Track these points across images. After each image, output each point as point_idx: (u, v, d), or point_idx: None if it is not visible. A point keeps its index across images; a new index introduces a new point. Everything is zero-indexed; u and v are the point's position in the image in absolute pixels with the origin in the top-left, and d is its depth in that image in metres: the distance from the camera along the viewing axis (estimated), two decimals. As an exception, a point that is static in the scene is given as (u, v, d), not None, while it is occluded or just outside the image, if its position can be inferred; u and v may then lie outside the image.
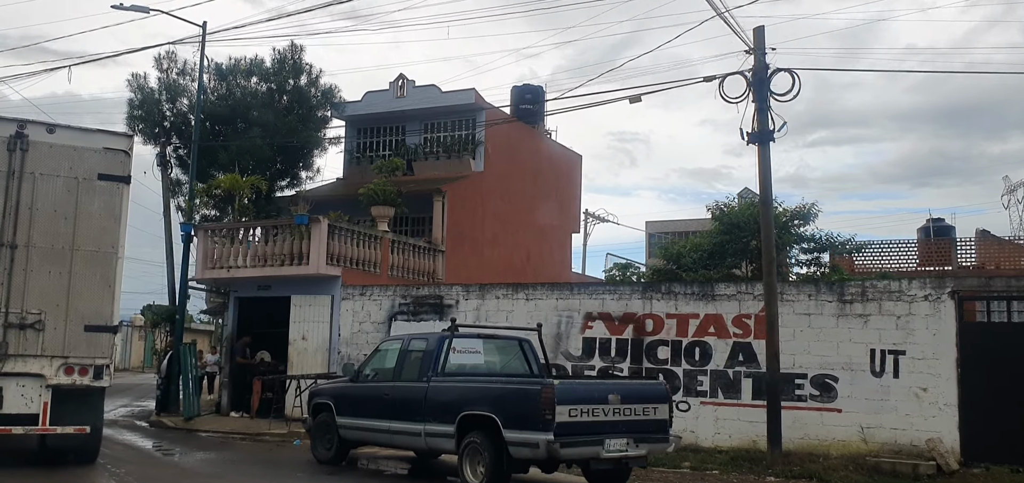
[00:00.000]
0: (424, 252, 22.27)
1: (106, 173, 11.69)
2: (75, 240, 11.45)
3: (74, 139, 11.71)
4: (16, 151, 11.29)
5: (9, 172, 11.23)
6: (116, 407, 24.12)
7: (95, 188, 11.62)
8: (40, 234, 11.30)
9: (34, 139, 11.42)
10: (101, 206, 11.64)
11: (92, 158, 11.65)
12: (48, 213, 11.38)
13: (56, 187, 11.45)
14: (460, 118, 26.08)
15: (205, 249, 20.04)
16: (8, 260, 11.12)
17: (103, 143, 11.84)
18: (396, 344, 12.62)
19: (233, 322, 20.57)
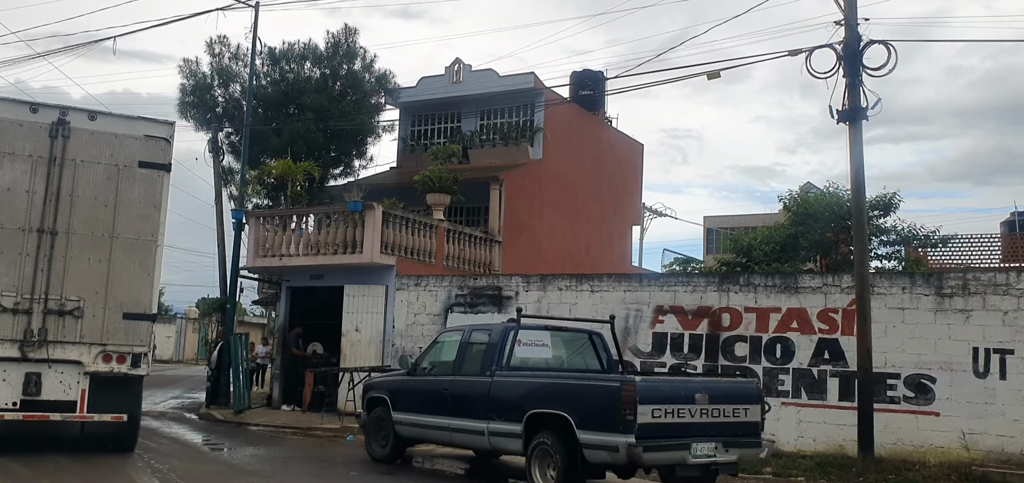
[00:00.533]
0: (480, 242, 21.41)
1: (146, 161, 11.68)
2: (115, 227, 11.45)
3: (115, 126, 11.72)
4: (58, 138, 11.29)
5: (50, 159, 11.24)
6: (167, 398, 23.78)
7: (135, 176, 11.60)
8: (80, 221, 11.30)
9: (75, 126, 11.42)
10: (141, 194, 11.63)
11: (133, 145, 11.64)
12: (88, 200, 11.38)
13: (96, 174, 11.43)
14: (518, 104, 25.14)
15: (256, 237, 19.44)
16: (48, 247, 11.13)
17: (144, 130, 11.81)
18: (456, 336, 11.75)
19: (285, 312, 19.95)
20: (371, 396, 12.73)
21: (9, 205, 11.14)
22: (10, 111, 11.37)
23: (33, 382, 11.00)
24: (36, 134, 11.31)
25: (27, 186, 11.21)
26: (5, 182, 11.18)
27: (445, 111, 26.23)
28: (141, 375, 11.69)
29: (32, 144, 11.28)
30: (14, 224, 11.14)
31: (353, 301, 18.54)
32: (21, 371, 11.00)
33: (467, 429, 10.71)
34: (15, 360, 10.97)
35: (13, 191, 11.17)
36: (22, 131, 11.27)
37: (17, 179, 11.19)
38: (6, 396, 10.91)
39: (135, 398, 11.79)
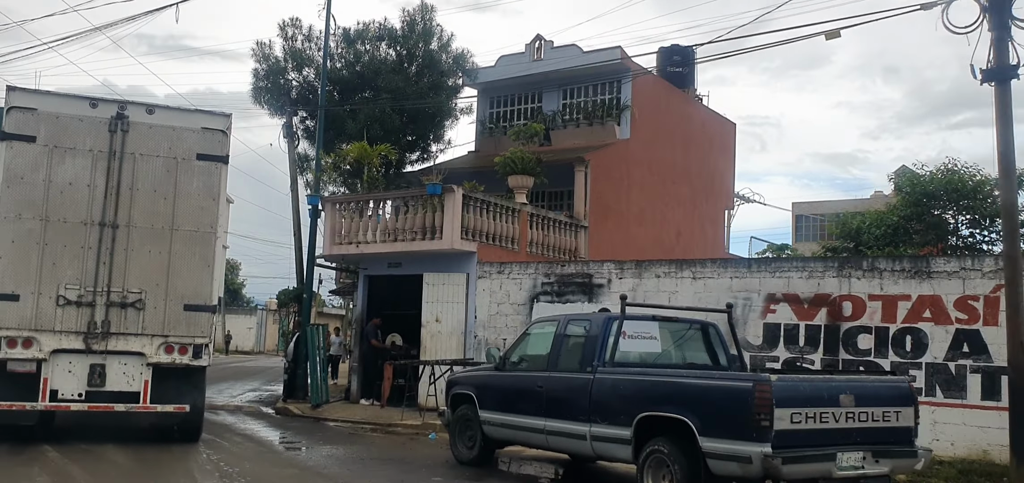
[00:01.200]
0: (565, 227, 20.18)
1: (204, 153, 11.79)
2: (174, 220, 11.59)
3: (173, 119, 11.87)
4: (117, 132, 11.48)
5: (110, 152, 11.44)
6: (244, 391, 23.30)
7: (194, 168, 11.73)
8: (140, 214, 11.47)
9: (134, 120, 11.59)
10: (199, 186, 11.76)
11: (191, 138, 11.78)
12: (148, 193, 11.54)
13: (155, 167, 11.60)
14: (603, 81, 23.77)
15: (333, 224, 18.62)
16: (110, 240, 11.32)
17: (201, 123, 11.93)
18: (549, 327, 10.56)
19: (362, 302, 19.10)
20: (456, 393, 11.65)
21: (71, 199, 11.27)
22: (71, 107, 11.53)
23: (97, 373, 11.15)
24: (96, 129, 11.48)
25: (88, 180, 11.37)
26: (67, 177, 11.32)
27: (525, 90, 25.04)
28: (203, 366, 11.70)
29: (92, 139, 11.44)
30: (76, 218, 11.29)
31: (433, 290, 17.55)
32: (86, 363, 11.14)
33: (565, 432, 9.51)
34: (80, 352, 11.11)
35: (75, 185, 11.31)
36: (83, 126, 11.44)
37: (79, 174, 11.35)
38: (72, 387, 11.06)
39: (197, 388, 11.79)
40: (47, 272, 11.11)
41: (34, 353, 10.90)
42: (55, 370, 11.00)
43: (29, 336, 10.91)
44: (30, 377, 10.87)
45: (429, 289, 17.57)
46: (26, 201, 11.17)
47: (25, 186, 11.18)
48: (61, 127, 11.37)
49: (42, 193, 11.21)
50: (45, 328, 11.01)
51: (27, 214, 11.17)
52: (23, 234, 11.11)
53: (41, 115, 11.32)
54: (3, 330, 10.85)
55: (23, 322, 10.93)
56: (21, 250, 11.07)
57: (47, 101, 11.56)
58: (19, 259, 11.05)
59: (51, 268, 11.13)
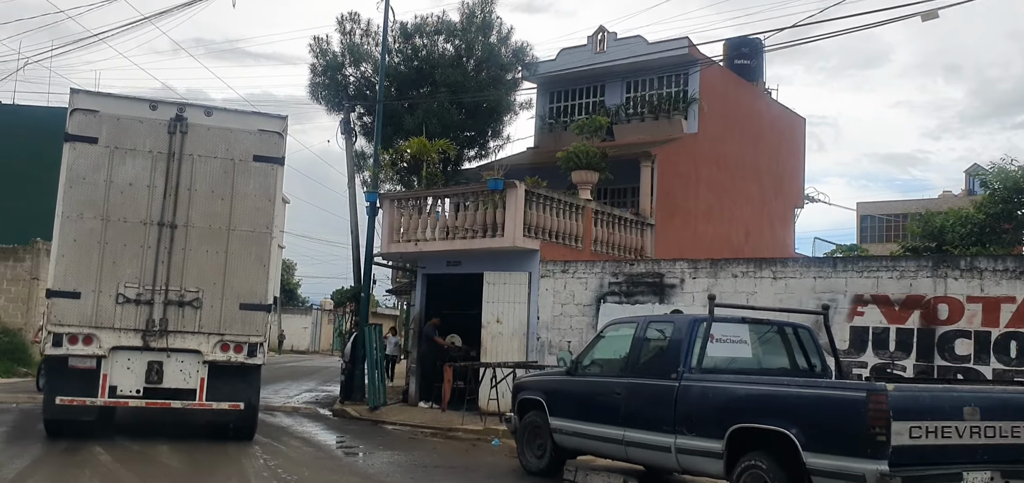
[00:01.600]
0: (631, 225, 19.41)
1: (261, 154, 11.93)
2: (231, 220, 11.73)
3: (230, 121, 12.03)
4: (176, 134, 11.65)
5: (169, 154, 11.61)
6: (301, 391, 23.00)
7: (250, 169, 11.86)
8: (198, 214, 11.64)
9: (192, 122, 11.76)
10: (256, 187, 11.89)
11: (247, 140, 11.91)
12: (205, 194, 11.69)
13: (213, 168, 11.75)
14: (669, 73, 22.96)
15: (390, 221, 18.14)
16: (168, 240, 11.50)
17: (258, 125, 12.09)
18: (627, 329, 9.84)
19: (421, 302, 18.58)
20: (524, 398, 11.00)
21: (131, 200, 11.47)
22: (131, 109, 11.74)
23: (155, 370, 11.31)
24: (155, 131, 11.66)
25: (148, 181, 11.54)
26: (127, 177, 11.50)
27: (587, 84, 24.33)
28: (258, 364, 11.82)
29: (152, 140, 11.63)
30: (136, 218, 11.48)
31: (493, 289, 16.94)
32: (144, 360, 11.31)
33: (647, 444, 8.79)
34: (138, 349, 11.29)
35: (135, 186, 11.51)
36: (143, 128, 11.63)
37: (139, 175, 11.53)
38: (130, 384, 11.24)
39: (252, 387, 11.90)
40: (107, 271, 11.28)
41: (94, 350, 11.07)
42: (114, 367, 11.17)
43: (90, 333, 11.08)
44: (90, 373, 11.02)
45: (490, 288, 16.97)
46: (88, 201, 11.35)
47: (87, 186, 11.36)
48: (122, 129, 11.56)
49: (103, 193, 11.40)
50: (105, 325, 11.17)
51: (88, 214, 11.34)
52: (84, 233, 11.28)
53: (103, 117, 11.52)
54: (65, 327, 11.02)
55: (84, 319, 11.09)
56: (82, 249, 11.26)
57: (108, 103, 11.75)
58: (80, 258, 11.23)
59: (111, 267, 11.30)
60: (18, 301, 24.26)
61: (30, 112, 34.16)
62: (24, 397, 16.97)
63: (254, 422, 12.30)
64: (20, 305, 24.26)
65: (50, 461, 10.30)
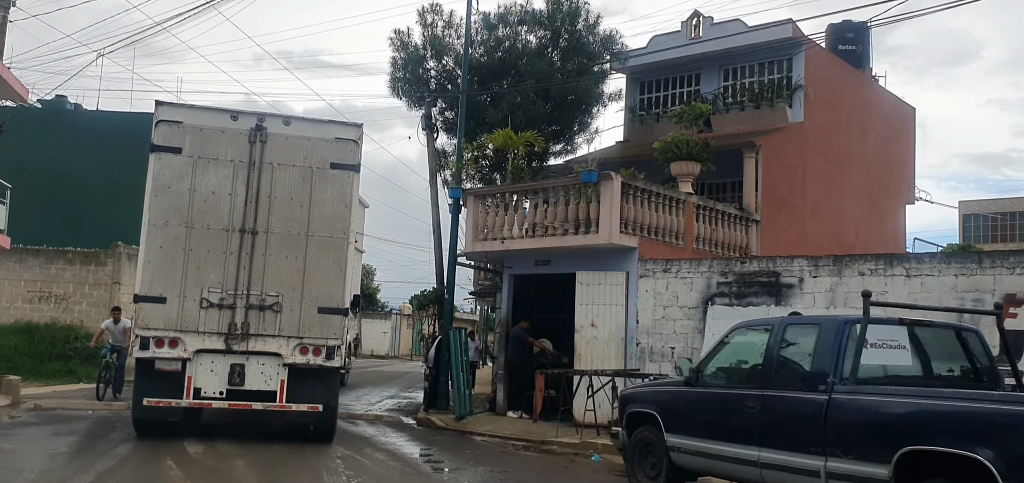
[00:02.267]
0: (735, 221, 18.01)
1: (337, 162, 12.19)
2: (309, 226, 12.01)
3: (308, 130, 12.35)
4: (256, 143, 12.03)
5: (250, 162, 11.97)
6: (383, 398, 22.28)
7: (327, 176, 12.14)
8: (277, 221, 11.96)
9: (272, 131, 12.14)
10: (333, 193, 12.14)
11: (324, 148, 12.20)
12: (285, 201, 12.02)
13: (292, 176, 12.07)
14: (771, 59, 21.46)
15: (475, 218, 17.19)
16: (249, 246, 11.84)
17: (334, 133, 12.35)
18: (759, 333, 8.58)
19: (507, 304, 17.55)
20: (634, 411, 9.82)
21: (214, 207, 11.86)
22: (214, 120, 12.15)
23: (237, 373, 11.63)
24: (237, 140, 12.03)
25: (230, 189, 11.91)
26: (210, 186, 11.88)
27: (680, 73, 22.98)
28: (335, 367, 12.09)
29: (233, 150, 12.00)
30: (219, 225, 11.84)
31: (587, 290, 15.80)
32: (226, 362, 11.64)
33: (789, 466, 7.52)
34: (221, 352, 11.64)
35: (218, 194, 11.88)
36: (224, 138, 12.00)
37: (221, 183, 11.90)
38: (214, 385, 11.58)
39: (330, 389, 12.17)
40: (191, 276, 11.68)
41: (179, 353, 11.48)
42: (198, 369, 11.53)
43: (175, 336, 11.51)
44: (176, 375, 11.45)
45: (583, 290, 15.83)
46: (172, 209, 11.76)
47: (172, 195, 11.78)
48: (205, 139, 11.95)
49: (187, 201, 11.79)
50: (189, 329, 11.57)
51: (173, 221, 11.76)
52: (170, 240, 11.71)
53: (186, 128, 11.93)
54: (152, 330, 11.48)
55: (169, 323, 11.52)
56: (168, 255, 11.68)
57: (192, 114, 12.19)
58: (166, 264, 11.66)
59: (195, 272, 11.70)
60: (100, 305, 24.16)
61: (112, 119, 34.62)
62: (80, 403, 16.35)
63: (333, 424, 12.51)
64: (102, 310, 24.14)
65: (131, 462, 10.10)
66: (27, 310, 24.08)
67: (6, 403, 15.18)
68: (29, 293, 24.28)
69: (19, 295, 24.26)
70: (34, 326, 23.44)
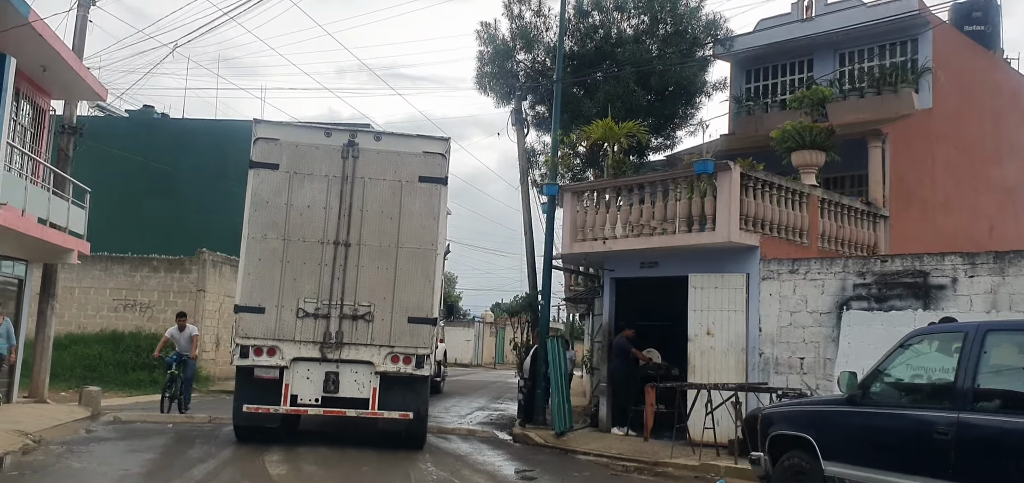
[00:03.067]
0: (861, 217, 16.33)
1: (425, 175, 12.55)
2: (399, 238, 12.38)
3: (397, 145, 12.74)
4: (348, 158, 12.45)
5: (343, 177, 12.42)
6: (473, 409, 21.23)
7: (416, 189, 12.51)
8: (369, 233, 12.35)
9: (363, 146, 12.56)
10: (421, 206, 12.49)
11: (413, 161, 12.57)
12: (376, 213, 12.41)
13: (382, 189, 12.47)
14: (893, 40, 19.65)
15: (572, 217, 15.95)
16: (343, 257, 12.25)
17: (422, 147, 12.71)
18: (946, 341, 7.13)
19: (609, 311, 16.24)
20: (780, 434, 8.44)
21: (310, 220, 12.31)
22: (309, 136, 12.63)
23: (331, 380, 12.02)
24: (330, 156, 12.45)
25: (324, 203, 12.35)
26: (306, 200, 12.34)
27: (791, 58, 21.32)
28: (425, 375, 12.37)
29: (327, 165, 12.42)
30: (314, 237, 12.29)
31: (701, 295, 14.39)
32: (321, 370, 12.05)
33: (1005, 510, 6.06)
34: (316, 360, 12.06)
35: (313, 208, 12.34)
36: (318, 154, 12.46)
37: (316, 197, 12.35)
38: (310, 393, 11.99)
39: (421, 397, 12.43)
40: (288, 287, 12.14)
41: (277, 361, 11.93)
42: (295, 377, 11.95)
43: (273, 345, 11.94)
44: (274, 383, 11.88)
45: (697, 294, 14.42)
46: (270, 223, 12.25)
47: (269, 209, 12.27)
48: (300, 155, 12.41)
49: (284, 215, 12.27)
50: (286, 338, 12.00)
51: (271, 235, 12.25)
52: (268, 253, 12.20)
53: (282, 144, 12.42)
54: (251, 339, 11.92)
55: (268, 332, 11.98)
56: (266, 267, 12.17)
57: (288, 131, 12.70)
58: (264, 275, 12.15)
59: (292, 283, 12.15)
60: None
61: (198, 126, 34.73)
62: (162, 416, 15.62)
63: (423, 431, 12.79)
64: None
65: None
66: (112, 318, 23.87)
67: (85, 415, 14.62)
68: (114, 301, 24.09)
69: (104, 303, 24.08)
70: (119, 335, 23.22)
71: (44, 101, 16.21)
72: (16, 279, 15.37)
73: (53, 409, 15.14)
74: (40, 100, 16.00)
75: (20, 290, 15.47)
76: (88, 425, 13.99)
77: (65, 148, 17.25)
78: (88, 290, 24.16)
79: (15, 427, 12.25)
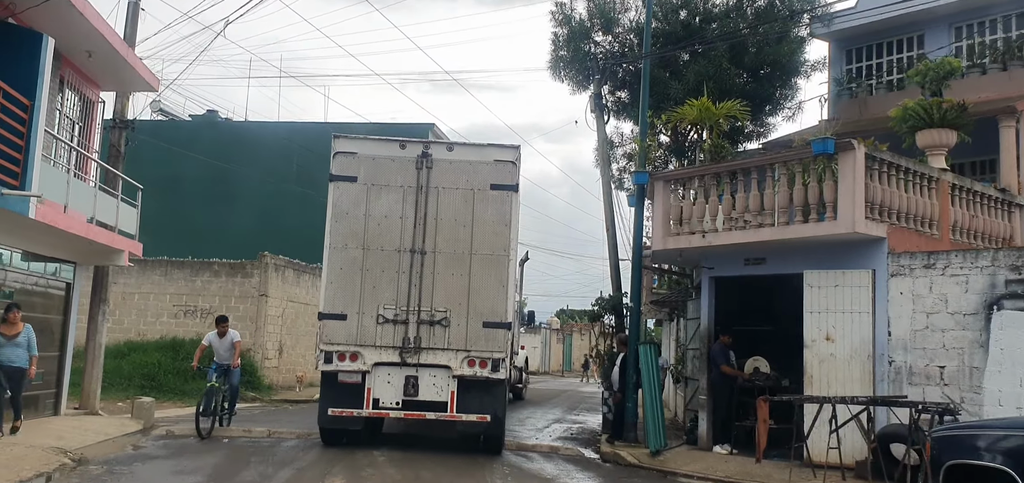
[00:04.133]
0: (995, 205, 14.41)
1: (497, 183, 12.79)
2: (473, 245, 12.66)
3: (469, 154, 13.07)
4: (422, 169, 12.83)
5: (418, 187, 12.79)
6: (549, 422, 19.80)
7: (488, 197, 12.77)
8: (443, 240, 12.68)
9: (437, 157, 12.91)
10: (493, 213, 12.76)
11: (484, 170, 12.82)
12: (450, 222, 12.72)
13: (455, 198, 12.77)
14: (1020, 9, 17.65)
15: (665, 208, 14.39)
16: (419, 265, 12.61)
17: (493, 156, 12.96)
18: None
19: (709, 314, 14.61)
20: (959, 464, 6.80)
21: (387, 230, 12.71)
22: (385, 149, 13.01)
23: (411, 384, 12.40)
24: (405, 167, 12.84)
25: (400, 213, 12.74)
26: (383, 210, 12.73)
27: (898, 35, 19.41)
28: (501, 379, 12.61)
29: (402, 176, 12.82)
30: (391, 246, 12.68)
31: (819, 295, 12.68)
32: (401, 374, 12.42)
33: None
34: (396, 365, 12.44)
35: (389, 218, 12.73)
36: (394, 166, 12.85)
37: (392, 207, 12.75)
38: (391, 396, 12.38)
39: (497, 400, 12.71)
40: (368, 294, 12.51)
41: (359, 366, 12.34)
42: (376, 381, 12.36)
43: (355, 350, 12.37)
44: (357, 387, 12.32)
45: (813, 294, 12.72)
46: (350, 233, 12.66)
47: (349, 220, 12.69)
48: (377, 167, 12.81)
49: (363, 225, 12.67)
50: (367, 343, 12.40)
51: (351, 244, 12.65)
52: (348, 262, 12.60)
53: (360, 158, 12.83)
54: (335, 345, 12.38)
55: (350, 338, 12.40)
56: (347, 276, 12.57)
57: (365, 145, 13.04)
58: (346, 283, 12.55)
59: (371, 291, 12.52)
60: (247, 319, 22.87)
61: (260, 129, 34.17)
62: (192, 428, 13.95)
63: (501, 433, 13.10)
64: (249, 323, 22.86)
65: None
66: (172, 325, 23.07)
67: (136, 428, 13.59)
68: (174, 307, 23.28)
69: (164, 309, 23.30)
70: (179, 342, 22.38)
71: (93, 92, 15.26)
72: (63, 283, 14.39)
73: (103, 422, 14.14)
74: (88, 91, 15.04)
75: (68, 294, 14.49)
76: (138, 440, 12.93)
77: (116, 143, 16.33)
78: (148, 296, 23.40)
79: (57, 443, 11.21)
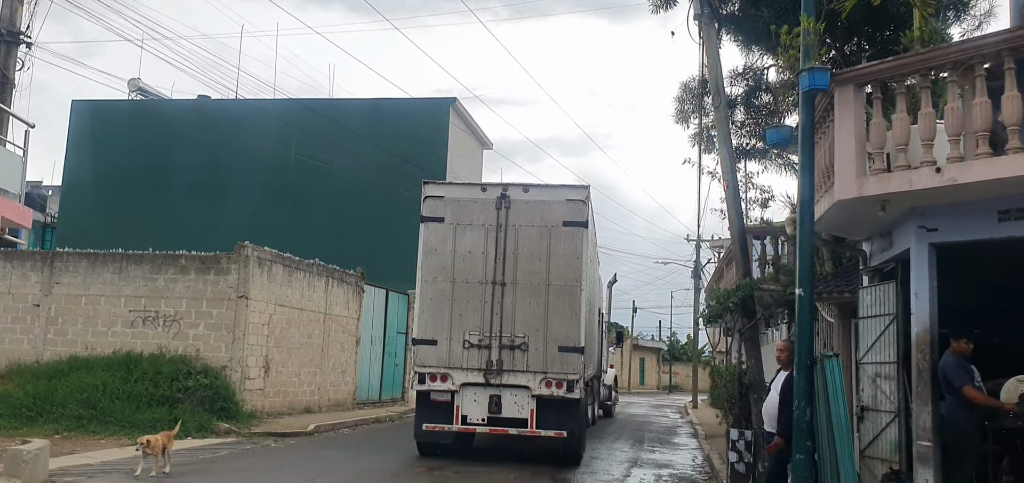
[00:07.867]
0: None
1: (569, 220, 14.20)
2: (548, 277, 14.09)
3: (543, 195, 14.56)
4: (501, 208, 14.40)
5: (497, 226, 14.39)
6: (629, 464, 14.67)
7: (561, 233, 14.18)
8: (522, 273, 14.19)
9: (514, 198, 14.45)
10: (566, 247, 14.14)
11: (557, 209, 14.27)
12: (527, 256, 14.23)
13: (531, 235, 14.27)
14: None
15: (858, 130, 8.89)
16: (500, 295, 14.17)
17: (565, 196, 14.45)
18: None
19: (929, 303, 9.00)
20: None
21: (471, 264, 14.30)
22: (468, 192, 14.82)
23: (495, 403, 13.91)
24: (486, 208, 14.45)
25: (483, 249, 14.33)
26: (467, 247, 14.34)
27: None
28: (576, 398, 13.78)
29: (483, 216, 14.44)
30: (475, 279, 14.24)
31: None
32: (486, 394, 13.98)
33: None
34: (481, 385, 14.01)
35: (473, 254, 14.34)
36: (476, 207, 14.50)
37: (475, 244, 14.37)
38: (478, 413, 13.96)
39: (573, 417, 13.91)
40: (455, 322, 14.13)
41: (449, 386, 13.98)
42: (464, 399, 13.96)
43: (445, 372, 14.02)
44: (447, 405, 14.01)
45: None
46: (439, 267, 14.33)
47: (438, 256, 14.37)
48: (461, 209, 14.46)
49: (450, 261, 14.31)
50: (456, 366, 14.03)
51: (440, 278, 14.31)
52: (438, 294, 14.28)
53: (447, 200, 14.55)
54: (427, 368, 14.09)
55: (440, 361, 14.10)
56: (437, 306, 14.25)
57: (451, 190, 14.97)
58: (436, 313, 14.24)
59: (458, 319, 14.14)
60: (222, 328, 17.80)
61: (257, 107, 32.72)
62: None
63: (578, 447, 14.40)
64: (224, 333, 17.80)
65: None
66: (127, 336, 18.09)
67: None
68: (131, 313, 18.28)
69: (118, 316, 18.33)
70: (135, 358, 17.46)
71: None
72: None
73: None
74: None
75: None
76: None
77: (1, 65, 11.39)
78: (98, 299, 18.45)
79: None
